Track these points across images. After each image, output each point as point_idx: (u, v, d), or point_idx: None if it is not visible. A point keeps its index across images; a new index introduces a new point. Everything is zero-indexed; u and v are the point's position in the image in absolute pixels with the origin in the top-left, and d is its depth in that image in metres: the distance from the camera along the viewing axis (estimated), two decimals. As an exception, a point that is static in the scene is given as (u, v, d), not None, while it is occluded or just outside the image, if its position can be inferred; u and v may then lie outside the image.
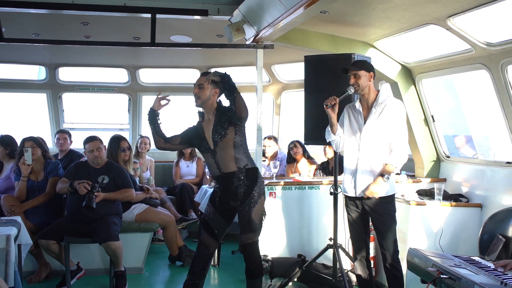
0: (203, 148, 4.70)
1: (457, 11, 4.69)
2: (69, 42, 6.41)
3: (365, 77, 4.67)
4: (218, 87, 4.61)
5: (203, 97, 4.62)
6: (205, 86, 4.62)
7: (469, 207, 5.57)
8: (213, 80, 4.60)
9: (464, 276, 3.06)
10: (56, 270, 5.98)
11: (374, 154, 4.67)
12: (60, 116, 9.08)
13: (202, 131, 4.70)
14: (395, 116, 4.62)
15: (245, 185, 4.54)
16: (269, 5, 4.86)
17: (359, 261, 4.92)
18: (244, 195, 4.54)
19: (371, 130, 4.67)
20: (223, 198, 4.66)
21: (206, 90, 4.62)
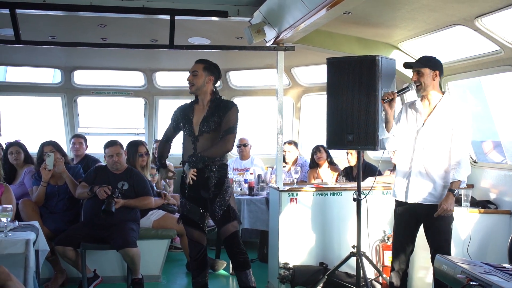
0: (186, 130, 4.78)
1: (485, 11, 4.55)
2: (86, 45, 6.33)
3: (429, 76, 4.47)
4: (213, 74, 4.74)
5: (197, 83, 4.71)
6: (199, 73, 4.71)
7: (498, 214, 5.39)
8: (207, 67, 4.73)
9: (495, 283, 2.93)
10: (73, 277, 5.90)
11: (430, 158, 4.49)
12: (75, 120, 9.00)
13: (192, 114, 4.79)
14: (461, 123, 4.40)
15: (216, 177, 4.64)
16: (290, 6, 4.76)
17: (396, 272, 4.78)
18: (216, 187, 4.65)
19: (429, 133, 4.49)
20: (193, 188, 4.67)
21: (200, 77, 4.71)
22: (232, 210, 4.68)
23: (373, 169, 6.54)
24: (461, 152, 4.38)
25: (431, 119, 4.50)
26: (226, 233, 4.67)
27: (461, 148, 4.39)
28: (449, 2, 4.45)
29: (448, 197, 4.38)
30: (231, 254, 4.76)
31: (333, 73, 5.31)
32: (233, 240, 4.69)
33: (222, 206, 4.65)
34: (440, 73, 4.51)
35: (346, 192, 5.78)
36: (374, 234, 5.79)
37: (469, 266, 3.31)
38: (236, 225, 4.72)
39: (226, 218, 4.65)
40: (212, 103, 4.73)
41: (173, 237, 6.33)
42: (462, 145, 4.40)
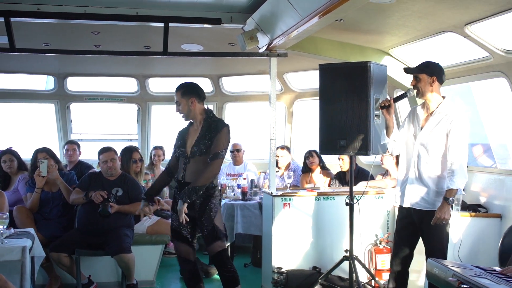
0: (180, 151, 4.82)
1: (475, 19, 4.63)
2: (79, 52, 6.38)
3: (426, 81, 4.48)
4: (192, 95, 4.72)
5: (184, 111, 4.75)
6: (180, 100, 4.73)
7: (488, 217, 5.47)
8: (184, 92, 4.73)
9: (485, 286, 2.99)
10: (67, 283, 5.89)
11: (425, 163, 4.53)
12: (68, 126, 9.01)
13: (187, 136, 4.84)
14: (457, 130, 4.40)
15: (201, 198, 4.65)
16: (283, 14, 4.82)
17: (392, 274, 4.84)
18: (201, 207, 4.67)
19: (425, 139, 4.52)
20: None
21: (183, 105, 4.73)
22: (217, 229, 4.70)
23: (365, 174, 6.60)
24: (456, 159, 4.37)
25: (428, 124, 4.53)
26: (212, 251, 4.74)
27: (456, 155, 4.38)
28: (439, 9, 4.52)
29: (443, 206, 4.38)
30: (219, 271, 4.81)
31: (326, 79, 5.37)
32: (220, 258, 4.74)
33: (208, 225, 4.68)
34: (438, 79, 4.51)
35: (339, 196, 5.83)
36: (367, 238, 5.87)
37: (460, 269, 3.38)
38: (223, 244, 4.74)
39: (212, 237, 4.69)
40: (205, 122, 4.75)
41: (167, 242, 6.34)
42: (458, 152, 4.38)
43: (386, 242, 5.86)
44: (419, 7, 4.56)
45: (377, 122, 4.95)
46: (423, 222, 4.55)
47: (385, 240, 5.86)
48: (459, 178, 4.37)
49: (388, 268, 5.81)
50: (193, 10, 5.49)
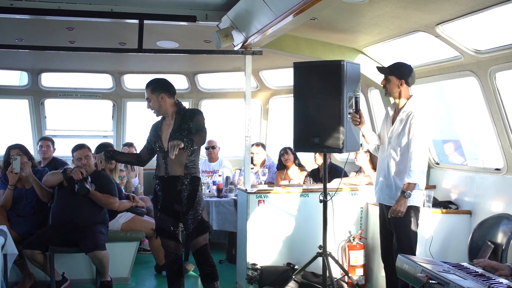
0: (157, 147, 4.85)
1: (445, 19, 4.70)
2: (53, 48, 6.30)
3: (394, 83, 4.69)
4: (162, 91, 4.77)
5: (155, 107, 4.79)
6: (150, 96, 4.78)
7: (459, 214, 5.58)
8: (153, 88, 4.78)
9: (452, 281, 3.05)
10: (41, 280, 5.86)
11: (394, 162, 4.71)
12: (42, 123, 8.92)
13: (160, 131, 4.86)
14: (415, 127, 4.58)
15: (188, 190, 4.70)
16: (258, 12, 4.83)
17: (385, 266, 4.98)
18: (188, 200, 4.69)
19: (393, 137, 4.72)
20: (166, 201, 4.81)
21: (153, 101, 4.78)
22: (205, 223, 4.76)
23: (338, 171, 6.67)
24: (414, 155, 4.55)
25: (395, 123, 4.73)
26: (196, 245, 4.73)
27: (413, 151, 4.55)
28: (411, 9, 4.58)
29: (399, 199, 4.57)
30: (200, 266, 4.82)
31: (300, 77, 5.40)
32: (203, 253, 4.76)
33: (195, 219, 4.70)
34: (406, 82, 4.71)
35: (313, 193, 5.88)
36: (340, 234, 5.92)
37: (429, 265, 3.43)
38: (207, 238, 4.78)
39: (198, 231, 4.71)
40: (178, 115, 4.80)
41: (142, 239, 6.33)
42: (415, 148, 4.55)
43: (360, 239, 5.94)
44: (391, 7, 4.62)
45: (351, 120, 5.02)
46: (392, 218, 4.68)
47: (359, 237, 5.94)
48: (416, 174, 4.52)
49: (361, 264, 5.91)
50: (168, 7, 5.49)
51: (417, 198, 4.71)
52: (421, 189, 4.74)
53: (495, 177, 5.27)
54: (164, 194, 4.80)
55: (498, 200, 5.20)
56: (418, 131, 4.57)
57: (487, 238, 4.85)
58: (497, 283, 3.17)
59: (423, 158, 4.58)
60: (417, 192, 4.66)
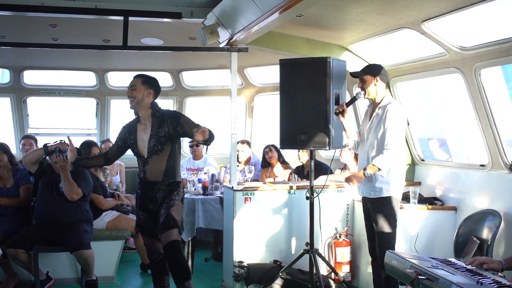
0: (134, 151, 4.77)
1: (431, 16, 4.71)
2: (36, 45, 6.23)
3: (370, 82, 4.79)
4: (152, 88, 4.66)
5: (137, 97, 4.61)
6: (138, 86, 4.63)
7: (444, 210, 5.62)
8: (145, 80, 4.67)
9: (441, 277, 3.06)
10: (24, 280, 5.81)
11: (372, 155, 4.80)
12: (24, 121, 8.82)
13: (135, 134, 4.73)
14: (388, 119, 4.69)
15: (164, 192, 4.64)
16: (244, 9, 4.81)
17: (372, 261, 5.03)
18: (162, 199, 4.63)
19: (371, 133, 4.82)
20: (143, 200, 4.75)
21: (139, 91, 4.62)
22: (171, 218, 4.58)
23: (323, 168, 6.67)
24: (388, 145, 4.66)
25: (372, 121, 4.85)
26: (165, 240, 4.59)
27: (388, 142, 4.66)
28: (396, 6, 4.59)
29: (358, 173, 4.81)
30: (169, 264, 4.68)
31: (286, 74, 5.41)
32: (172, 248, 4.59)
33: (163, 214, 4.60)
34: (381, 78, 4.82)
35: (299, 191, 5.89)
36: (327, 231, 5.93)
37: (417, 261, 3.44)
38: (177, 236, 4.62)
39: (166, 225, 4.58)
40: (154, 118, 4.66)
41: (127, 237, 6.31)
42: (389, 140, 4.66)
43: (346, 235, 5.95)
44: (377, 4, 4.62)
45: (337, 117, 5.04)
46: (373, 210, 4.85)
47: (345, 233, 5.95)
48: (382, 159, 4.67)
49: (347, 261, 5.93)
50: (154, 4, 5.44)
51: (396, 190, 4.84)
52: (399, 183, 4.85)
53: (480, 173, 5.30)
54: (142, 193, 4.76)
55: (483, 196, 5.23)
56: (392, 123, 4.67)
57: (472, 234, 4.89)
58: (485, 277, 3.19)
59: (396, 149, 4.68)
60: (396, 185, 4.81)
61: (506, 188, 4.94)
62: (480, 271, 3.32)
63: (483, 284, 2.99)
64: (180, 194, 4.74)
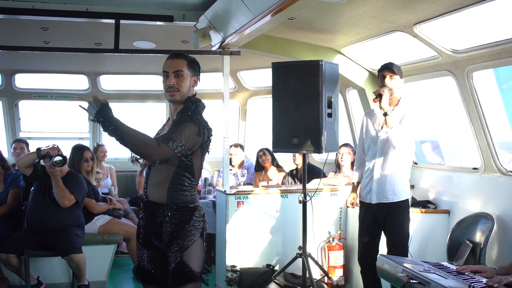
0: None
1: (423, 19, 4.73)
2: (27, 48, 6.24)
3: (398, 82, 4.73)
4: (198, 75, 3.48)
5: (182, 88, 3.37)
6: (185, 72, 3.38)
7: (437, 213, 5.64)
8: (191, 63, 3.44)
9: (433, 281, 3.09)
10: (15, 285, 5.79)
11: (390, 160, 4.73)
12: (16, 124, 8.79)
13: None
14: (412, 117, 4.67)
15: (173, 224, 3.32)
16: (236, 12, 4.81)
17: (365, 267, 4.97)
18: (171, 234, 3.32)
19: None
20: (146, 229, 3.46)
21: (186, 79, 3.38)
22: (185, 266, 3.29)
23: (316, 171, 6.65)
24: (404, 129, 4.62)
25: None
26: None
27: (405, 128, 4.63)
28: (389, 9, 4.61)
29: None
30: None
31: (278, 78, 5.39)
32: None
33: (174, 258, 3.30)
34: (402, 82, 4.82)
35: (292, 194, 5.88)
36: (320, 235, 5.93)
37: (409, 265, 3.46)
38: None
39: (177, 278, 3.30)
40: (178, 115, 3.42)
41: (119, 242, 6.28)
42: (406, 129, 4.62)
43: (339, 239, 5.94)
44: (369, 7, 4.64)
45: (329, 120, 5.02)
46: (388, 215, 4.74)
47: (338, 237, 5.94)
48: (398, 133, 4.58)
49: (341, 265, 5.91)
50: (145, 7, 5.44)
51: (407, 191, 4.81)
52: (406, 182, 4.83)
53: (472, 176, 5.32)
54: (144, 222, 3.46)
55: (476, 199, 5.25)
56: (414, 121, 4.66)
57: (465, 237, 4.90)
58: (477, 281, 3.20)
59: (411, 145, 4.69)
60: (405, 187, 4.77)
61: (498, 191, 4.96)
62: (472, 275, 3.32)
63: (474, 288, 3.00)
64: (199, 226, 3.39)
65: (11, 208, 5.89)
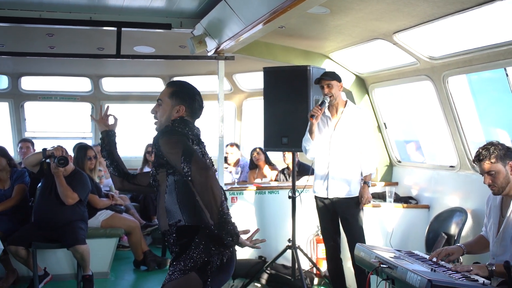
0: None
1: (401, 28, 5.06)
2: (34, 54, 6.55)
3: (336, 87, 5.06)
4: (184, 102, 3.18)
5: (160, 117, 3.21)
6: (165, 101, 3.19)
7: (418, 208, 5.98)
8: (175, 93, 3.19)
9: (400, 265, 3.41)
10: (23, 275, 6.10)
11: (345, 159, 5.06)
12: (22, 125, 9.11)
13: None
14: (365, 126, 5.11)
15: (178, 245, 3.02)
16: (229, 21, 5.11)
17: (331, 259, 5.32)
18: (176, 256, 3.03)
19: (341, 136, 5.06)
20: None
21: (164, 107, 3.19)
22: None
23: (306, 168, 6.99)
24: (369, 151, 5.11)
25: (340, 125, 5.10)
26: None
27: (369, 148, 5.11)
28: (369, 19, 4.94)
29: (365, 189, 5.05)
30: None
31: (269, 81, 5.77)
32: None
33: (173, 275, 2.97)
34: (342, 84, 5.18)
35: (283, 190, 6.22)
36: (309, 228, 6.25)
37: (381, 252, 3.81)
38: None
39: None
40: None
41: (121, 235, 6.60)
42: (369, 146, 5.13)
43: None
44: (351, 18, 4.96)
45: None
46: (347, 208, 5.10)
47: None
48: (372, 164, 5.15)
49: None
50: (145, 15, 5.72)
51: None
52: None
53: (450, 174, 5.66)
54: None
55: (454, 195, 5.58)
56: (370, 129, 5.08)
57: (442, 230, 5.24)
58: (440, 266, 3.56)
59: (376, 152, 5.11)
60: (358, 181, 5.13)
61: (472, 187, 5.30)
62: (441, 263, 3.68)
63: (435, 271, 3.36)
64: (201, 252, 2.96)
65: (15, 202, 6.13)
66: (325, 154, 5.14)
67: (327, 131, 5.14)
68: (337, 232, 5.28)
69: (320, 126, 5.16)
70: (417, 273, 3.19)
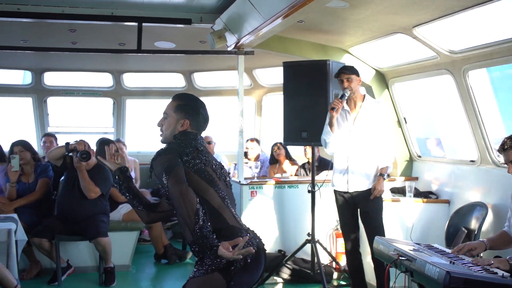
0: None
1: (421, 22, 5.04)
2: (56, 49, 6.64)
3: (356, 81, 5.11)
4: (188, 116, 3.21)
5: (164, 130, 3.26)
6: (170, 114, 3.23)
7: (438, 203, 5.94)
8: (180, 106, 3.23)
9: (419, 257, 3.42)
10: (46, 268, 6.22)
11: (364, 152, 5.10)
12: (45, 120, 9.22)
13: None
14: (384, 119, 5.14)
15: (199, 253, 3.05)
16: (248, 16, 5.16)
17: (350, 253, 5.34)
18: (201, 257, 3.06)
19: (360, 130, 5.10)
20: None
21: (170, 121, 3.23)
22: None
23: (326, 163, 6.98)
24: (387, 145, 5.15)
25: (359, 119, 5.13)
26: None
27: (387, 142, 5.15)
28: (389, 13, 4.93)
29: (380, 181, 5.09)
30: None
31: (289, 76, 5.80)
32: None
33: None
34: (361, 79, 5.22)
35: (302, 185, 6.23)
36: (328, 223, 6.26)
37: (400, 245, 3.82)
38: None
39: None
40: None
41: (141, 229, 6.69)
42: (388, 139, 5.18)
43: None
44: (371, 12, 4.96)
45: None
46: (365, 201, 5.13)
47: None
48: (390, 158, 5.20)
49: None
50: (165, 11, 5.79)
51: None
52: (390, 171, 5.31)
53: (470, 168, 5.62)
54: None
55: (474, 190, 5.53)
56: (389, 123, 5.10)
57: (462, 225, 5.21)
58: (460, 259, 3.56)
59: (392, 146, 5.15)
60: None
61: (493, 182, 5.26)
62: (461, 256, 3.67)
63: (455, 264, 3.36)
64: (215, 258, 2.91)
65: (39, 196, 6.24)
66: (345, 148, 5.17)
67: (346, 125, 5.17)
68: (356, 227, 5.30)
69: (339, 120, 5.18)
70: (435, 265, 3.19)
